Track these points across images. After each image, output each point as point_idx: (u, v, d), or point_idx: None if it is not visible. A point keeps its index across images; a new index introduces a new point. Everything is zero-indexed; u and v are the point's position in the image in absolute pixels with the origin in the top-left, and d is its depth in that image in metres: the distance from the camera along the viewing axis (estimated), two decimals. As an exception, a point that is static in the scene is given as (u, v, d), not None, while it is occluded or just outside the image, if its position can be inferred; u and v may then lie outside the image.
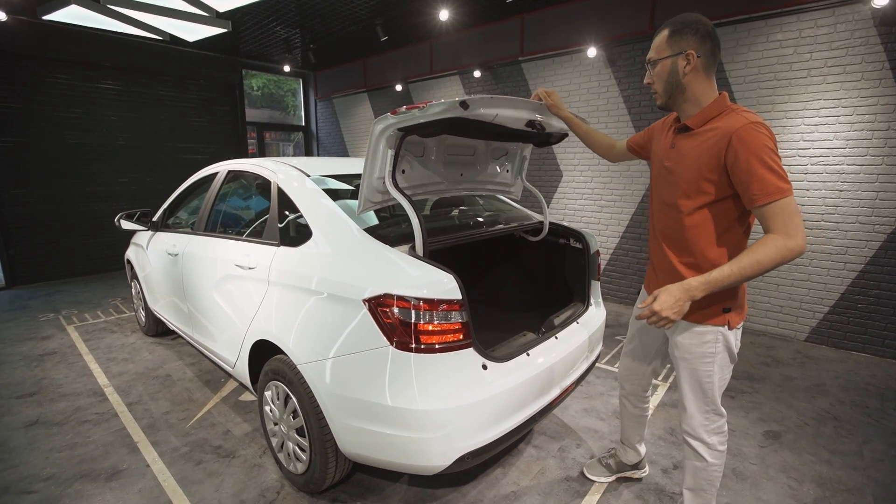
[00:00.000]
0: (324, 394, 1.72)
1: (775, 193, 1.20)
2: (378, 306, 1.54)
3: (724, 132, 1.28)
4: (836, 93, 3.44)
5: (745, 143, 1.23)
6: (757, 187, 1.22)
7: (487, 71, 5.63)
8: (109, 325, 4.26)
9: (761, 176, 1.21)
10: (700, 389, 1.49)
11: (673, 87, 1.39)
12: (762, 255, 1.20)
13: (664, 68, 1.38)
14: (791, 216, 1.19)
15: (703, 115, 1.36)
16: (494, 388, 1.61)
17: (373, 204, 1.84)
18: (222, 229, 2.65)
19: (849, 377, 3.19)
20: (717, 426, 1.54)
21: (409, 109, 1.54)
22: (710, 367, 1.46)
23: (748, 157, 1.22)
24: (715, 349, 1.44)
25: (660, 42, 1.39)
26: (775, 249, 1.19)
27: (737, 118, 1.29)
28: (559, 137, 2.17)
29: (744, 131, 1.24)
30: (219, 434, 2.52)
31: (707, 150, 1.32)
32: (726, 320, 1.41)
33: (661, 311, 1.27)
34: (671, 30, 1.36)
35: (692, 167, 1.36)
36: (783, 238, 1.19)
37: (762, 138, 1.23)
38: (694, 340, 1.46)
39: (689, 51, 1.32)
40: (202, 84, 7.02)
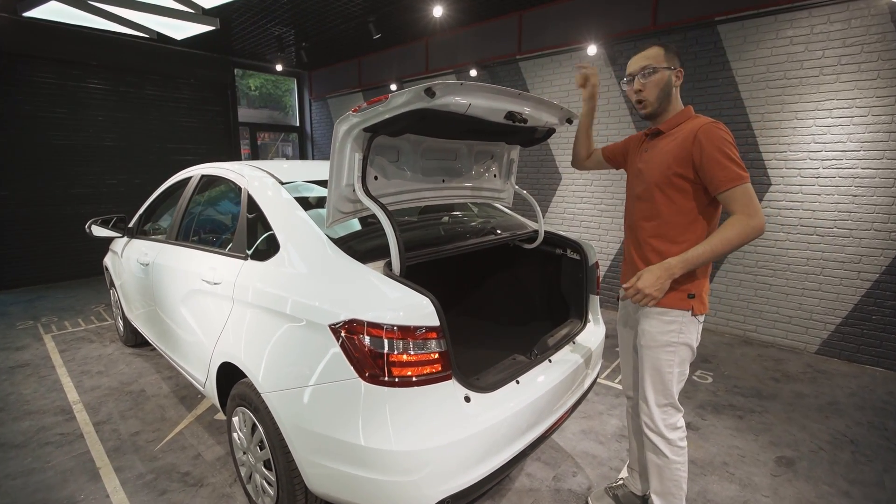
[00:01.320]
0: (289, 427, 1.54)
1: (736, 179, 1.37)
2: (346, 333, 1.36)
3: (689, 130, 1.47)
4: (850, 92, 3.25)
5: (708, 138, 1.41)
6: (721, 175, 1.39)
7: (484, 70, 5.45)
8: (89, 335, 4.09)
9: (724, 165, 1.38)
10: (660, 380, 1.57)
11: (665, 96, 1.54)
12: (730, 234, 1.36)
13: (662, 78, 1.52)
14: (751, 199, 1.37)
15: (674, 120, 1.56)
16: (478, 423, 1.43)
17: (343, 215, 1.66)
18: (193, 239, 2.47)
19: (864, 395, 3.00)
20: (674, 421, 1.60)
21: (370, 105, 1.38)
22: (671, 356, 1.55)
23: (712, 150, 1.40)
24: (678, 339, 1.53)
25: (656, 54, 1.53)
26: (740, 227, 1.36)
27: (700, 120, 1.49)
28: (545, 133, 2.00)
29: (706, 128, 1.43)
30: (188, 458, 2.34)
31: (676, 147, 1.49)
32: (690, 305, 1.51)
33: (644, 287, 1.40)
34: (665, 48, 1.55)
35: (663, 162, 1.52)
36: (745, 217, 1.36)
37: (722, 133, 1.42)
38: (659, 328, 1.55)
39: (679, 69, 1.55)
40: (193, 84, 6.85)
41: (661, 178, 1.52)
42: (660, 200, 1.53)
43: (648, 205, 1.57)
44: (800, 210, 3.56)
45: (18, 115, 5.41)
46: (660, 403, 1.59)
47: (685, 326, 1.53)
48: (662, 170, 1.52)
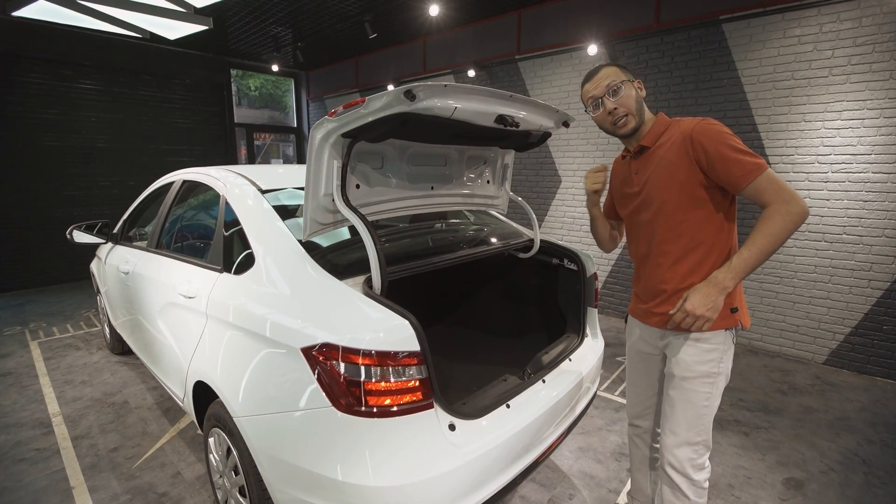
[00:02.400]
0: (262, 456, 1.43)
1: (755, 170, 1.24)
2: (319, 357, 1.25)
3: (680, 136, 1.34)
4: (860, 93, 3.12)
5: (707, 138, 1.28)
6: (737, 170, 1.25)
7: (483, 70, 5.33)
8: (76, 341, 3.99)
9: (736, 159, 1.25)
10: (695, 416, 1.40)
11: (640, 106, 1.43)
12: (772, 227, 1.21)
13: (630, 92, 1.41)
14: (779, 184, 1.23)
15: (655, 131, 1.42)
16: (464, 454, 1.32)
17: (322, 226, 1.55)
18: (172, 248, 2.36)
19: (875, 409, 2.87)
20: (703, 461, 1.43)
21: (347, 108, 1.28)
22: (710, 388, 1.38)
23: (716, 147, 1.27)
24: (717, 368, 1.38)
25: (614, 71, 1.43)
26: (781, 217, 1.20)
27: (684, 123, 1.36)
28: (540, 138, 1.88)
29: (700, 128, 1.31)
30: (167, 477, 2.24)
31: (672, 156, 1.36)
32: (736, 321, 1.37)
33: (694, 310, 1.25)
34: (617, 65, 1.46)
35: (667, 175, 1.37)
36: (783, 204, 1.20)
37: (718, 128, 1.30)
38: (697, 357, 1.38)
39: (637, 80, 1.45)
40: (188, 84, 6.76)
41: (675, 193, 1.36)
42: (681, 216, 1.36)
43: (667, 226, 1.39)
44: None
45: (9, 116, 5.33)
46: (691, 441, 1.40)
47: (726, 353, 1.38)
48: (671, 184, 1.36)
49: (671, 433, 1.43)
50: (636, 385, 1.69)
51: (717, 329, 1.35)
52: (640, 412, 1.70)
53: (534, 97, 4.96)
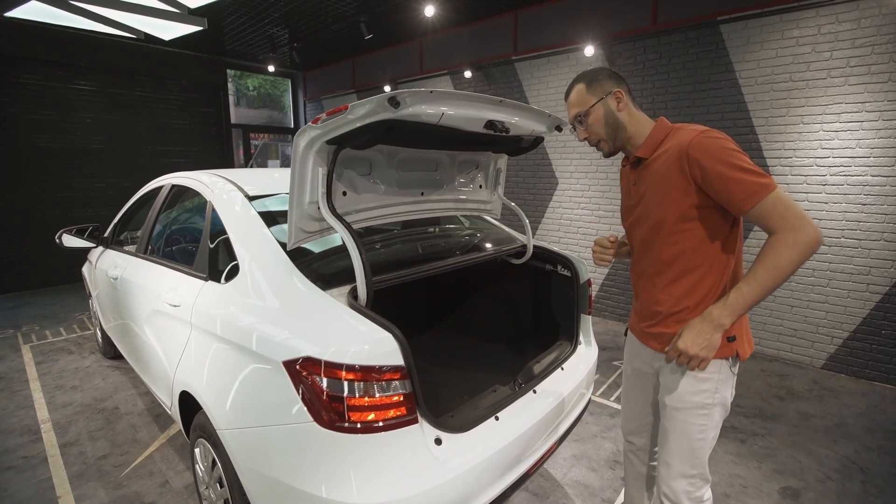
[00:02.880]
0: (245, 470, 1.40)
1: (759, 192, 1.09)
2: (300, 371, 1.22)
3: (676, 148, 1.20)
4: (859, 95, 3.09)
5: (704, 153, 1.15)
6: (738, 191, 1.11)
7: (479, 71, 5.30)
8: (69, 345, 3.96)
9: (737, 179, 1.11)
10: (689, 448, 1.30)
11: (614, 128, 1.32)
12: (777, 260, 1.07)
13: (598, 115, 1.31)
14: (787, 208, 1.08)
15: (652, 142, 1.29)
16: (451, 469, 1.29)
17: (308, 234, 1.52)
18: (160, 254, 2.33)
19: (874, 415, 2.84)
20: (701, 494, 1.34)
21: (330, 115, 1.25)
22: (704, 420, 1.28)
23: (714, 165, 1.13)
24: (712, 399, 1.27)
25: (579, 97, 1.33)
26: (787, 248, 1.06)
27: (687, 132, 1.21)
28: (532, 142, 1.85)
29: (697, 143, 1.16)
30: (155, 486, 2.21)
31: (667, 170, 1.23)
32: (733, 350, 1.25)
33: (687, 349, 1.16)
34: (586, 81, 1.32)
35: (657, 193, 1.27)
36: (790, 234, 1.07)
37: (719, 142, 1.15)
38: (690, 387, 1.28)
39: (615, 89, 1.30)
40: (184, 85, 6.72)
41: (670, 211, 1.23)
42: (677, 236, 1.24)
43: (662, 246, 1.28)
44: (806, 219, 3.39)
45: (3, 118, 5.29)
46: (686, 474, 1.31)
47: (722, 384, 1.26)
48: (666, 201, 1.24)
49: (665, 464, 1.35)
50: (631, 401, 1.58)
51: (716, 358, 1.23)
52: (634, 429, 1.60)
53: (531, 98, 4.96)
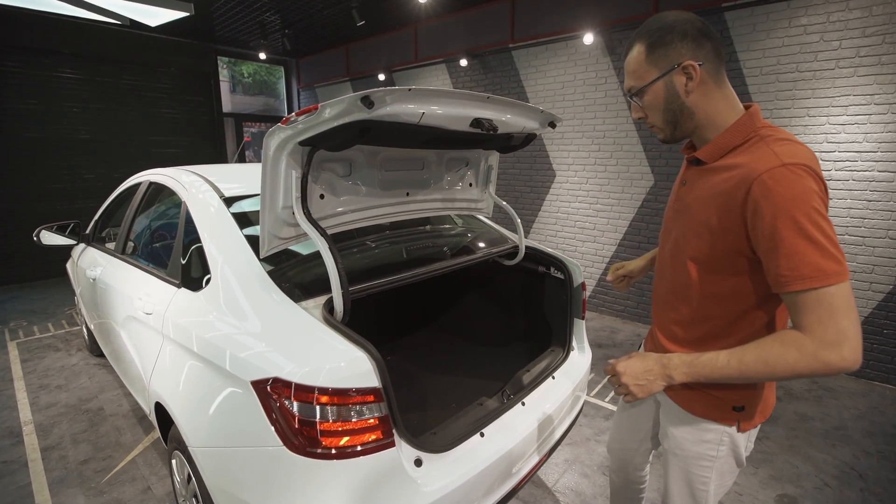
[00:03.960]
0: (216, 491, 1.34)
1: (815, 278, 0.81)
2: (270, 393, 1.14)
3: (745, 174, 0.88)
4: (868, 87, 2.97)
5: (772, 196, 0.83)
6: (786, 265, 0.83)
7: (475, 59, 5.14)
8: (56, 342, 3.90)
9: (794, 249, 0.82)
10: (689, 495, 1.14)
11: (677, 114, 0.98)
12: (775, 356, 0.85)
13: (657, 95, 0.97)
14: (833, 314, 0.80)
15: (721, 145, 0.96)
16: (431, 493, 1.22)
17: (283, 241, 1.43)
18: (136, 256, 2.24)
19: (873, 417, 2.79)
20: None
21: (300, 116, 1.15)
22: (706, 472, 1.09)
23: (776, 216, 0.83)
24: (717, 452, 1.07)
25: (637, 63, 0.98)
26: (798, 355, 0.82)
27: (766, 154, 0.87)
28: (523, 140, 1.75)
29: (771, 177, 0.83)
30: (137, 493, 2.15)
31: (720, 199, 0.93)
32: (735, 420, 1.04)
33: (622, 375, 0.97)
34: (648, 43, 0.95)
35: (699, 216, 0.98)
36: (815, 344, 0.81)
37: (799, 188, 0.82)
38: (691, 436, 1.09)
39: (686, 62, 0.92)
40: (172, 72, 6.55)
41: (705, 245, 0.96)
42: (693, 274, 1.00)
43: (668, 272, 1.08)
44: (809, 215, 3.30)
45: (-15, 107, 5.15)
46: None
47: (732, 440, 1.06)
48: (696, 228, 0.98)
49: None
50: (623, 421, 1.43)
51: (713, 420, 1.05)
52: (616, 448, 1.47)
53: (528, 88, 4.81)
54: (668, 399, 1.13)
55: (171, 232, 1.99)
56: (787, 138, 0.90)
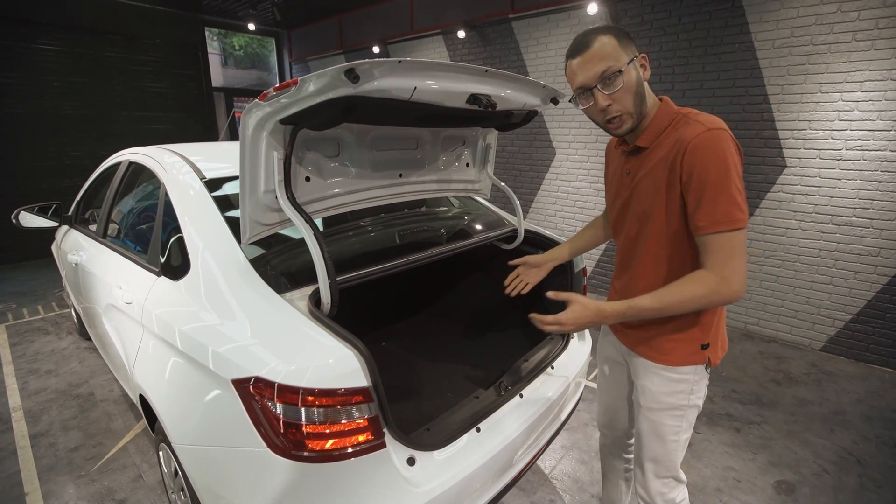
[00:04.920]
0: (201, 489, 1.28)
1: (723, 222, 0.99)
2: (253, 393, 1.07)
3: (678, 143, 1.04)
4: (885, 62, 2.83)
5: (700, 155, 1.00)
6: (704, 212, 1.01)
7: (473, 31, 4.92)
8: (46, 325, 3.83)
9: (713, 198, 1.00)
10: (664, 450, 1.27)
11: (642, 97, 1.09)
12: (688, 294, 1.04)
13: (630, 79, 1.05)
14: (733, 255, 1.00)
15: (655, 129, 1.11)
16: (425, 493, 1.17)
17: (266, 227, 1.34)
18: (116, 241, 2.14)
19: (872, 401, 2.77)
20: (674, 496, 1.31)
21: (278, 91, 1.04)
22: (678, 421, 1.24)
23: (702, 172, 1.00)
24: (687, 401, 1.23)
25: (611, 48, 1.04)
26: (704, 290, 1.02)
27: (692, 125, 1.04)
28: (524, 117, 1.64)
29: (701, 140, 1.01)
30: (128, 481, 2.12)
31: (663, 167, 1.08)
32: (705, 358, 1.20)
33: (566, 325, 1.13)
34: (614, 34, 1.06)
35: (648, 191, 1.13)
36: (718, 281, 1.01)
37: (722, 149, 1.00)
38: (664, 387, 1.23)
39: (640, 55, 1.08)
40: (158, 44, 6.28)
41: (661, 216, 1.11)
42: (666, 249, 1.13)
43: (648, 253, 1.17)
44: (816, 196, 3.20)
45: (-39, 81, 4.93)
46: (659, 475, 1.29)
47: (697, 385, 1.22)
48: (657, 202, 1.10)
49: (640, 466, 1.32)
50: (605, 393, 1.53)
51: (685, 365, 1.19)
52: (608, 421, 1.55)
53: (528, 61, 4.62)
54: (642, 358, 1.25)
55: (151, 216, 1.89)
56: (703, 113, 1.07)
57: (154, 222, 1.74)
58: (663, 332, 1.19)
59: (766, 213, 3.42)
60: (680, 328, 1.17)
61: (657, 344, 1.20)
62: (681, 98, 3.68)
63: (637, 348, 1.26)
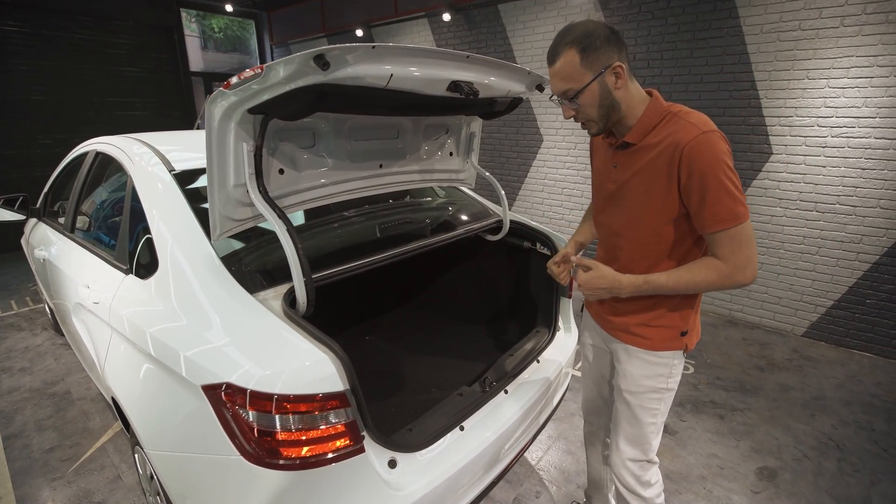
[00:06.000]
0: (175, 495, 1.24)
1: (729, 220, 1.03)
2: (225, 400, 1.02)
3: (672, 146, 1.06)
4: (872, 48, 2.81)
5: (698, 159, 1.03)
6: (709, 213, 1.04)
7: (459, 13, 4.79)
8: (19, 321, 3.71)
9: (716, 199, 1.03)
10: (640, 433, 1.32)
11: (608, 108, 1.10)
12: (701, 278, 1.09)
13: (592, 95, 1.08)
14: (742, 246, 1.05)
15: (644, 127, 1.12)
16: (406, 496, 1.14)
17: (237, 223, 1.27)
18: (83, 237, 2.04)
19: (852, 386, 2.82)
20: (649, 477, 1.36)
21: (244, 79, 0.98)
22: (656, 404, 1.29)
23: (703, 176, 1.03)
24: (666, 384, 1.28)
25: (572, 68, 1.06)
26: (717, 276, 1.08)
27: (685, 127, 1.06)
28: (508, 105, 1.59)
29: (696, 145, 1.03)
30: (105, 482, 2.07)
31: (657, 168, 1.10)
32: (683, 344, 1.26)
33: (584, 286, 1.19)
34: (580, 48, 1.04)
35: (640, 189, 1.15)
36: (731, 269, 1.06)
37: (718, 151, 1.03)
38: (645, 371, 1.28)
39: (615, 63, 1.05)
40: (131, 26, 6.01)
41: (651, 214, 1.14)
42: (653, 242, 1.17)
43: (634, 245, 1.21)
44: (801, 183, 3.21)
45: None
46: (635, 458, 1.33)
47: (675, 368, 1.27)
48: (649, 200, 1.13)
49: (616, 449, 1.38)
50: (589, 380, 1.57)
51: (665, 350, 1.25)
52: (591, 409, 1.60)
53: (515, 46, 4.52)
54: (624, 344, 1.29)
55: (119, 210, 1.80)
56: (693, 111, 1.09)
57: (121, 217, 1.66)
58: (646, 320, 1.23)
59: (751, 201, 3.42)
60: (661, 316, 1.22)
61: (639, 331, 1.25)
62: (669, 84, 3.63)
63: (620, 335, 1.30)
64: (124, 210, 1.61)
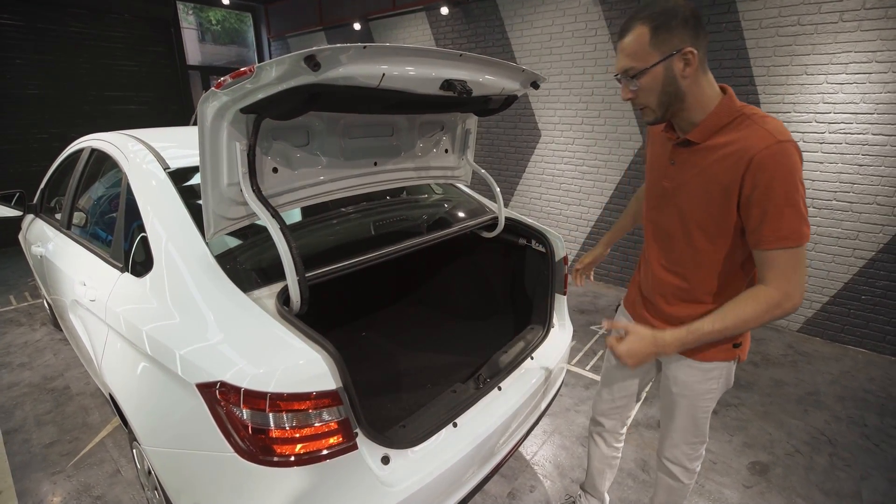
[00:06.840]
0: (171, 491, 1.26)
1: (791, 238, 0.97)
2: (219, 398, 1.03)
3: (742, 151, 0.99)
4: (871, 43, 2.80)
5: (769, 170, 0.95)
6: (770, 227, 0.98)
7: (457, 7, 4.76)
8: (18, 316, 3.72)
9: (780, 213, 0.96)
10: (693, 424, 1.35)
11: (671, 97, 1.02)
12: (750, 313, 1.02)
13: (655, 78, 1.00)
14: (797, 269, 0.99)
15: (711, 126, 1.04)
16: (399, 492, 1.15)
17: (231, 221, 1.27)
18: (80, 233, 2.04)
19: (845, 382, 2.84)
20: (699, 452, 1.43)
21: (235, 79, 0.99)
22: (710, 402, 1.32)
23: (770, 188, 0.96)
24: (718, 385, 1.29)
25: (639, 45, 0.99)
26: (766, 308, 1.01)
27: (758, 133, 0.98)
28: (502, 103, 1.59)
29: (770, 154, 0.95)
30: (105, 476, 2.09)
31: (721, 173, 1.02)
32: (736, 355, 1.25)
33: (622, 356, 1.12)
34: (653, 26, 0.97)
35: (699, 192, 1.09)
36: (779, 295, 1.00)
37: (791, 164, 0.96)
38: (698, 377, 1.28)
39: (687, 48, 0.97)
40: (127, 19, 5.96)
41: (701, 214, 1.08)
42: (696, 243, 1.12)
43: (676, 244, 1.17)
44: (798, 179, 3.21)
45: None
46: (689, 441, 1.38)
47: (728, 376, 1.29)
48: (701, 202, 1.08)
49: (669, 438, 1.41)
50: (611, 383, 1.55)
51: (718, 360, 1.24)
52: (606, 410, 1.59)
53: (513, 40, 4.49)
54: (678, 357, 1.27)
55: (114, 208, 1.80)
56: (768, 116, 1.01)
57: (117, 214, 1.66)
58: None
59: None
60: None
61: None
62: (667, 79, 3.61)
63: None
64: (119, 207, 1.62)
